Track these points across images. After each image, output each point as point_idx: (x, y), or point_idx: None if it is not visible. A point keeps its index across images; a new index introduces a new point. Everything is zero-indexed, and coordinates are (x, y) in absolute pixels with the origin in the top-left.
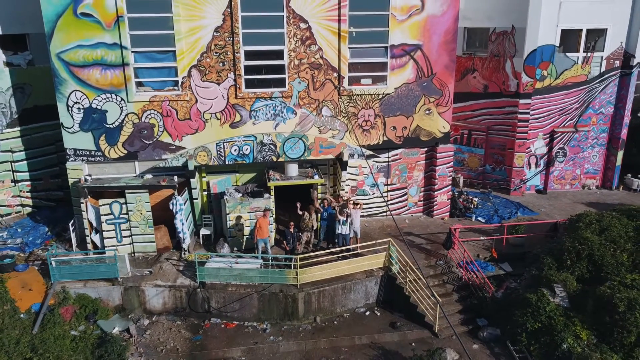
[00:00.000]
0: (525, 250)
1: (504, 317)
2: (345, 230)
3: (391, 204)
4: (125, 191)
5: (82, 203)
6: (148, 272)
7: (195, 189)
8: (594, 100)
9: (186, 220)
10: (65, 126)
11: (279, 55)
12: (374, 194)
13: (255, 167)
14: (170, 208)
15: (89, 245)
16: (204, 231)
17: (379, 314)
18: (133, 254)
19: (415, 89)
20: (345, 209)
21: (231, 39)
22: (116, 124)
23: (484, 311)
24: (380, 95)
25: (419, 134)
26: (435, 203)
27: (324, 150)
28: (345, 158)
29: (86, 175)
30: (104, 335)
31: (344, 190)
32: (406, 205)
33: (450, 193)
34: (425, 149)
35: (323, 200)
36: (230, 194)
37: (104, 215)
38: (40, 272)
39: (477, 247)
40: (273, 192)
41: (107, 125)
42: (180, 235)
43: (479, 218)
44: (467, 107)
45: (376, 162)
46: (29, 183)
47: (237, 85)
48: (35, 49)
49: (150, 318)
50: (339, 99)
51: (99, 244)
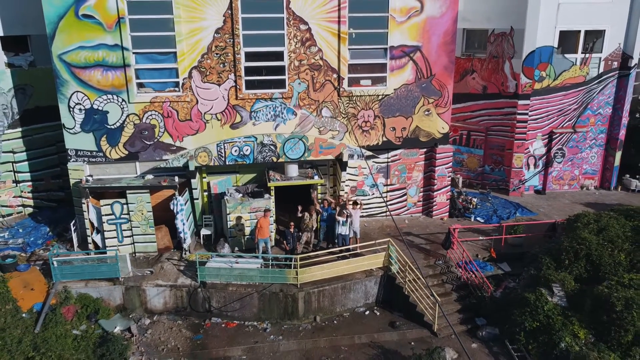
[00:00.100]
0: (524, 250)
1: (502, 317)
2: (345, 230)
3: (390, 205)
4: (127, 191)
5: (84, 203)
6: (149, 272)
7: (195, 189)
8: (592, 101)
9: (187, 221)
10: (67, 127)
11: (279, 56)
12: (374, 194)
13: (255, 168)
14: (171, 208)
15: (90, 245)
16: (204, 231)
17: (378, 314)
18: (134, 254)
19: (415, 90)
20: (344, 209)
21: (232, 41)
22: (117, 124)
23: (483, 310)
24: (380, 96)
25: (418, 135)
26: (434, 203)
27: (323, 150)
28: (344, 159)
29: (87, 176)
30: (105, 334)
31: (343, 190)
32: (405, 206)
33: (450, 193)
34: (425, 150)
35: (323, 201)
36: (231, 195)
37: (105, 215)
38: (42, 272)
39: (476, 247)
40: (273, 193)
41: (108, 126)
42: (181, 235)
43: (478, 218)
44: (466, 108)
45: (376, 163)
46: (30, 183)
47: (238, 86)
48: (36, 50)
49: (151, 317)
50: (339, 100)
51: (100, 244)
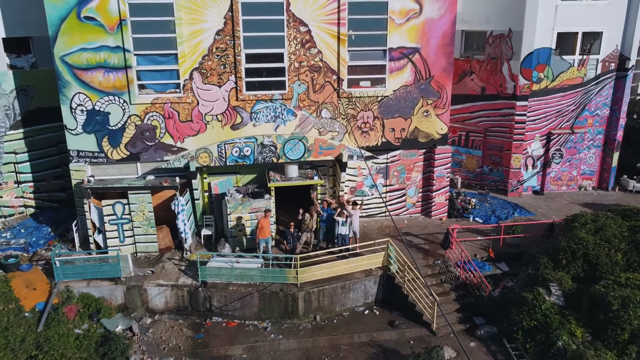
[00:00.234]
0: (522, 250)
1: (500, 316)
2: (344, 230)
3: (390, 205)
4: (128, 192)
5: (85, 204)
6: (150, 272)
7: (196, 189)
8: (590, 102)
9: (188, 221)
10: (69, 128)
11: (279, 58)
12: (373, 194)
13: (255, 168)
14: (172, 209)
15: (92, 245)
16: (205, 231)
17: (377, 313)
18: (135, 254)
19: (414, 91)
20: (344, 209)
21: (232, 42)
22: (119, 125)
23: (481, 310)
24: (379, 98)
25: (417, 136)
26: (433, 204)
27: (323, 151)
28: (344, 159)
29: (89, 176)
30: (107, 333)
31: (343, 191)
32: (405, 206)
33: (448, 194)
34: (424, 151)
35: (322, 201)
36: (231, 195)
37: (107, 215)
38: (44, 272)
39: (475, 247)
40: (273, 193)
41: (110, 127)
42: (182, 235)
43: (477, 218)
44: (465, 109)
45: (375, 164)
46: (32, 184)
47: (238, 87)
48: (38, 51)
49: (153, 317)
50: (339, 101)
51: (101, 244)
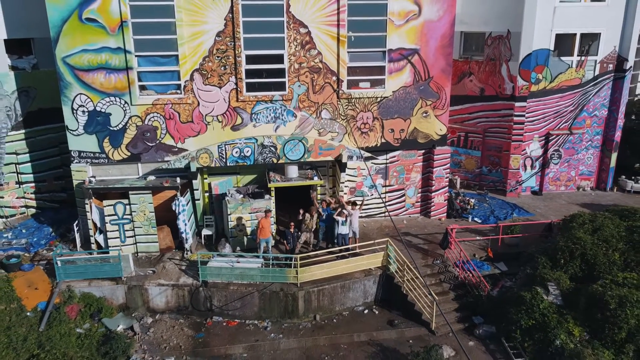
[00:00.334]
0: (520, 250)
1: (499, 315)
2: (344, 230)
3: (389, 205)
4: (129, 192)
5: (87, 204)
6: (151, 272)
7: (197, 190)
8: (588, 103)
9: (188, 221)
10: (70, 129)
11: (279, 59)
12: (372, 195)
13: (256, 169)
14: (173, 209)
15: (93, 246)
16: (205, 231)
17: (377, 312)
18: (136, 254)
19: (413, 92)
20: (344, 209)
21: (232, 44)
22: (120, 126)
23: (480, 309)
24: (379, 99)
25: (417, 137)
26: (432, 204)
27: (323, 152)
28: (344, 160)
29: (90, 177)
30: (108, 332)
31: (342, 191)
32: (404, 206)
33: (447, 194)
34: (423, 151)
35: (322, 202)
36: (232, 195)
37: (108, 215)
38: (46, 272)
39: (474, 247)
40: (273, 193)
41: (111, 128)
42: (183, 235)
43: (476, 219)
44: (464, 110)
45: (374, 164)
46: (33, 185)
47: (239, 88)
48: (39, 53)
49: (154, 316)
50: (338, 102)
51: (102, 244)
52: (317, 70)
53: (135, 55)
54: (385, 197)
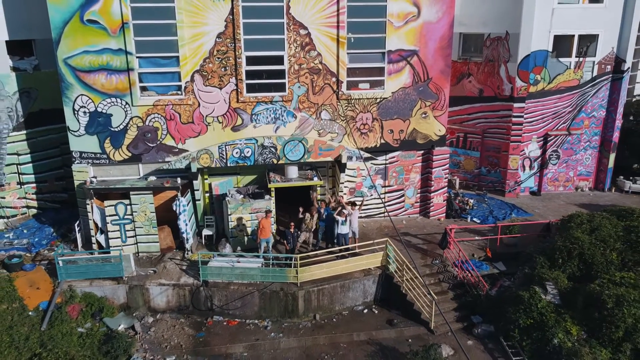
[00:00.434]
0: (519, 250)
1: (497, 314)
2: (344, 230)
3: (388, 205)
4: (130, 193)
5: (88, 204)
6: (152, 271)
7: (197, 190)
8: (587, 104)
9: (189, 221)
10: (72, 129)
11: (279, 60)
12: (372, 195)
13: (256, 169)
14: (174, 209)
15: (94, 245)
16: (206, 231)
17: (376, 312)
18: (137, 254)
19: (412, 93)
20: (343, 209)
21: (233, 45)
22: (121, 127)
23: (479, 308)
24: (378, 99)
25: (416, 137)
26: (431, 204)
27: (323, 152)
28: (343, 160)
29: (92, 177)
30: (109, 332)
31: (342, 191)
32: (403, 207)
33: (447, 194)
34: (422, 152)
35: (320, 202)
36: (232, 196)
37: (109, 216)
38: (47, 272)
39: (472, 247)
40: (273, 194)
41: (112, 129)
42: (184, 235)
43: (474, 219)
44: (463, 111)
45: (374, 165)
46: (34, 185)
47: (239, 89)
48: (41, 54)
49: (155, 316)
50: (338, 103)
51: (104, 244)
52: (317, 71)
53: (137, 57)
54: (384, 198)
